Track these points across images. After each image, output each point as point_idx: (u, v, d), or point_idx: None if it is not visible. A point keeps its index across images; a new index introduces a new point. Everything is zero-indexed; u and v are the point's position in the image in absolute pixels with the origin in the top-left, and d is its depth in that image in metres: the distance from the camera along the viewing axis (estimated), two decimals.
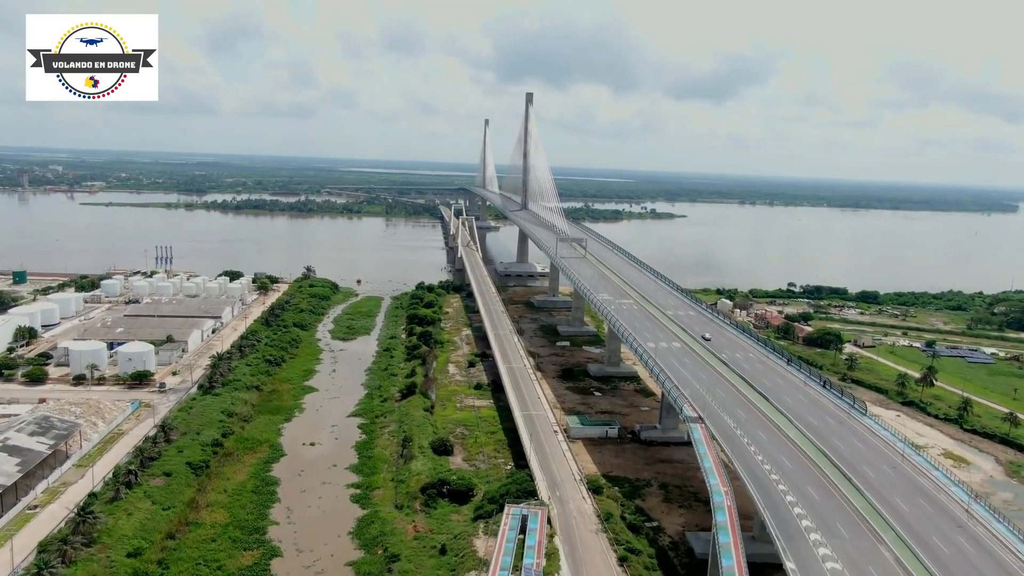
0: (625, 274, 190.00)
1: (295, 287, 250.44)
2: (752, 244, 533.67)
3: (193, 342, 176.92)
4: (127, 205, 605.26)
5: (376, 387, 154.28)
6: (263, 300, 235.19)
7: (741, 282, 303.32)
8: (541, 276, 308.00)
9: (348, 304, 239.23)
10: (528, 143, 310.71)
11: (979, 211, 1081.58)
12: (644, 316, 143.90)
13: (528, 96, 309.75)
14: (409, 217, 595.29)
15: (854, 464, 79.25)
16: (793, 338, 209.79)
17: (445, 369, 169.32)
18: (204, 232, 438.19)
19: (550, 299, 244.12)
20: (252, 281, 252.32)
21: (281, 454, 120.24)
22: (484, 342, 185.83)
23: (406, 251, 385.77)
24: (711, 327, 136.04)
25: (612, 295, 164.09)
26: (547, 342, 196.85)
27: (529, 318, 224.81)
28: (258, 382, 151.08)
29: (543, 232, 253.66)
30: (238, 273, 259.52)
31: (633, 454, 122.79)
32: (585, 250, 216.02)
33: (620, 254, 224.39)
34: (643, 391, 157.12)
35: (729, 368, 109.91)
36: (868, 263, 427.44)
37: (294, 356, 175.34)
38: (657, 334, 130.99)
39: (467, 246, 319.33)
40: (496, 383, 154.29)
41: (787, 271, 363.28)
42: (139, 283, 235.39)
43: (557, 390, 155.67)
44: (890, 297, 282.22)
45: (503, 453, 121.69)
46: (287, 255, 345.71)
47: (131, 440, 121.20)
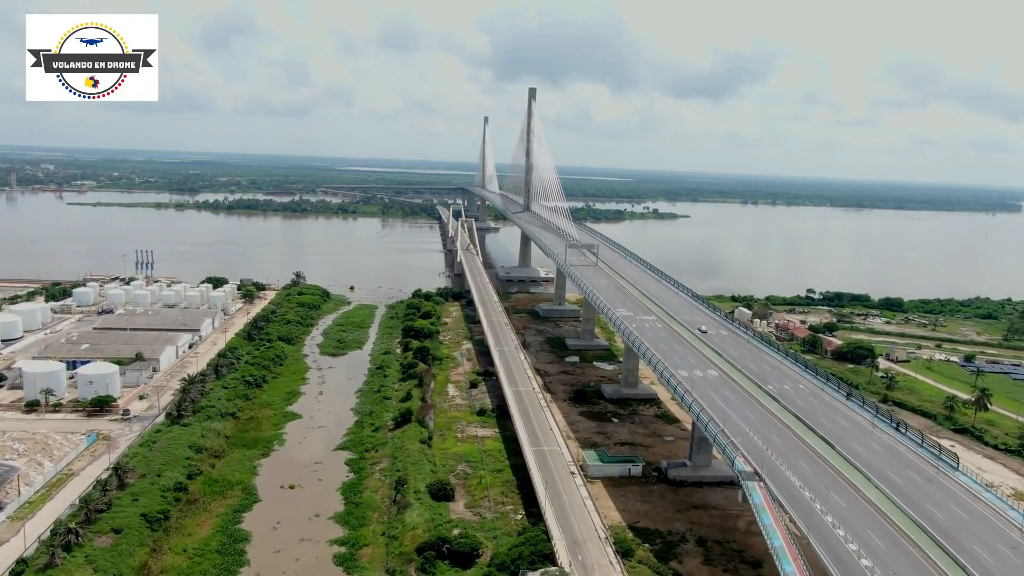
0: (643, 285, 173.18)
1: (283, 295, 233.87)
2: (760, 246, 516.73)
3: (166, 360, 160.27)
4: (115, 205, 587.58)
5: (367, 413, 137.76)
6: (248, 310, 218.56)
7: (753, 287, 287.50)
8: (545, 281, 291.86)
9: (340, 314, 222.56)
10: (531, 140, 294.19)
11: (983, 211, 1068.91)
12: (671, 336, 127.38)
13: (531, 91, 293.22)
14: (406, 218, 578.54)
15: (964, 544, 63.01)
16: (821, 352, 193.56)
17: (444, 390, 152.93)
18: (192, 234, 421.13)
19: (556, 308, 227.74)
20: (237, 288, 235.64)
21: (255, 499, 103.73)
22: (487, 357, 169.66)
23: (402, 254, 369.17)
24: (747, 349, 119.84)
25: (632, 310, 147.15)
26: (555, 357, 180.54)
27: (534, 329, 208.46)
28: (235, 408, 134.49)
29: (549, 236, 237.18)
30: (222, 280, 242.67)
31: (662, 498, 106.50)
32: (597, 257, 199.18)
33: (634, 261, 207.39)
34: (665, 416, 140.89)
35: (780, 404, 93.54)
36: (883, 267, 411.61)
37: (277, 376, 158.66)
38: (688, 359, 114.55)
39: (467, 250, 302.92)
40: (501, 408, 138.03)
41: (800, 275, 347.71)
42: (114, 291, 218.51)
43: (569, 416, 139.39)
44: (915, 304, 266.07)
45: (512, 497, 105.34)
46: (277, 259, 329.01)
47: (81, 483, 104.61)
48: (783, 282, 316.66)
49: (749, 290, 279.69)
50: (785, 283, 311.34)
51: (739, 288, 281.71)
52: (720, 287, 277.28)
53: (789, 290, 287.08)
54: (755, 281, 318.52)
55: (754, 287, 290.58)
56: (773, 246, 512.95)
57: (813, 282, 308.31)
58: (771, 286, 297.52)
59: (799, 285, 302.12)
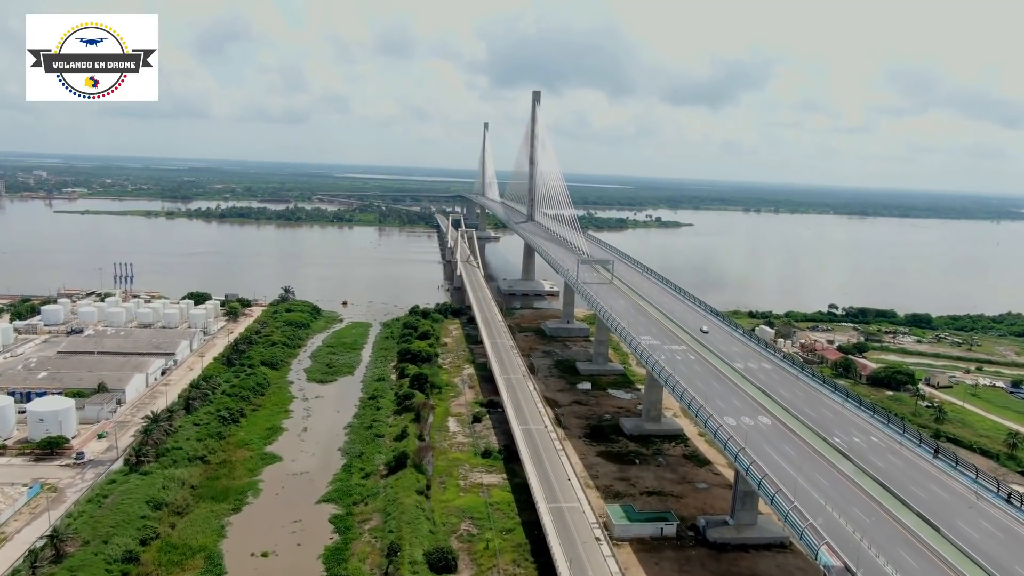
0: (666, 306, 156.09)
1: (270, 312, 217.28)
2: (768, 256, 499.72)
3: (134, 389, 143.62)
4: (104, 213, 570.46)
5: (357, 455, 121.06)
6: (231, 329, 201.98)
7: (768, 302, 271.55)
8: (549, 295, 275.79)
9: (330, 333, 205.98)
10: (535, 146, 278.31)
11: (987, 219, 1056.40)
12: (707, 371, 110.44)
13: (535, 95, 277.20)
14: (403, 226, 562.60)
15: None
16: (855, 376, 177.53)
17: (444, 424, 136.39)
18: (180, 243, 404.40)
19: (564, 326, 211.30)
20: (220, 305, 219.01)
21: (220, 572, 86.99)
22: (491, 383, 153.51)
23: (399, 265, 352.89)
24: (799, 388, 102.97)
25: (658, 337, 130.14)
26: (565, 384, 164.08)
27: (541, 350, 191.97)
28: (205, 450, 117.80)
29: (557, 249, 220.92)
30: (205, 295, 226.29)
31: (702, 567, 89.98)
32: (612, 274, 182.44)
33: (652, 278, 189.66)
34: (694, 457, 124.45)
35: (854, 465, 76.83)
36: (900, 278, 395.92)
37: (258, 408, 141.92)
38: (732, 401, 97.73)
39: (467, 262, 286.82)
40: (509, 448, 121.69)
41: (815, 288, 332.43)
42: (86, 309, 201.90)
43: (587, 456, 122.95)
44: (944, 321, 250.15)
45: (525, 567, 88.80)
46: (267, 271, 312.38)
47: (13, 551, 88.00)
48: (798, 296, 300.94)
49: (765, 305, 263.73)
50: (801, 297, 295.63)
51: (754, 303, 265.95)
52: (733, 301, 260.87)
53: (805, 304, 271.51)
54: (769, 295, 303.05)
55: (769, 301, 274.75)
56: (782, 256, 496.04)
57: (829, 296, 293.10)
58: (787, 300, 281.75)
59: (815, 299, 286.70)
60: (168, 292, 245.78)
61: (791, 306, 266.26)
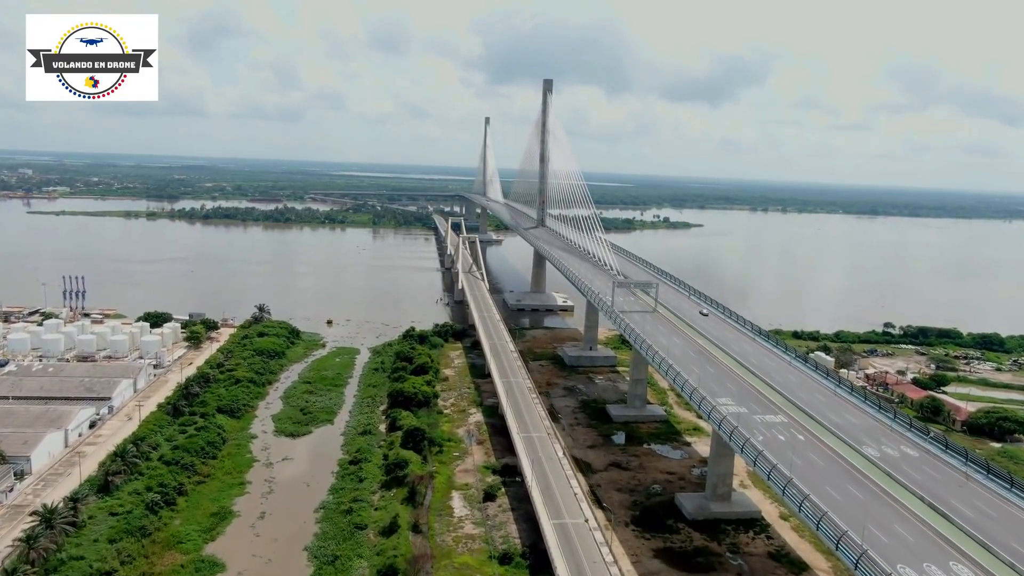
0: (734, 346, 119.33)
1: (239, 337, 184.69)
2: (791, 261, 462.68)
3: (44, 454, 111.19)
4: (82, 214, 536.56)
5: (329, 560, 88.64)
6: (191, 359, 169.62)
7: (809, 318, 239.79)
8: (563, 310, 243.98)
9: (310, 362, 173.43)
10: (546, 141, 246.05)
11: (997, 218, 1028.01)
12: (836, 469, 74.51)
13: (546, 83, 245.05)
14: (399, 227, 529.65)
15: None
16: (947, 421, 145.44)
17: (446, 504, 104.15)
18: (154, 247, 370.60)
19: (586, 353, 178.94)
20: (182, 328, 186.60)
21: None
22: (504, 436, 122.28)
23: (393, 272, 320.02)
24: (1003, 507, 69.08)
25: (739, 400, 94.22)
26: (597, 436, 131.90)
27: (562, 386, 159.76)
28: (118, 559, 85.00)
29: (580, 265, 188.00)
30: (164, 316, 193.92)
31: None
32: (656, 300, 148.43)
33: (705, 304, 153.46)
34: (784, 557, 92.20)
35: None
36: (945, 287, 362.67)
37: (205, 479, 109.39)
38: (900, 533, 63.16)
39: (469, 272, 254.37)
40: (536, 547, 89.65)
41: (856, 300, 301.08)
42: (17, 336, 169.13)
43: (642, 559, 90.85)
44: (1017, 342, 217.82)
45: None
46: (244, 281, 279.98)
47: None
48: (840, 310, 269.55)
49: (805, 321, 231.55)
50: (843, 311, 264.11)
51: (792, 318, 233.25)
52: (769, 317, 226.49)
53: (849, 319, 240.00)
54: (806, 308, 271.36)
55: (809, 317, 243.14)
56: (806, 261, 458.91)
57: (867, 307, 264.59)
58: (827, 315, 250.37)
59: (858, 313, 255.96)
60: (127, 309, 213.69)
61: (834, 322, 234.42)
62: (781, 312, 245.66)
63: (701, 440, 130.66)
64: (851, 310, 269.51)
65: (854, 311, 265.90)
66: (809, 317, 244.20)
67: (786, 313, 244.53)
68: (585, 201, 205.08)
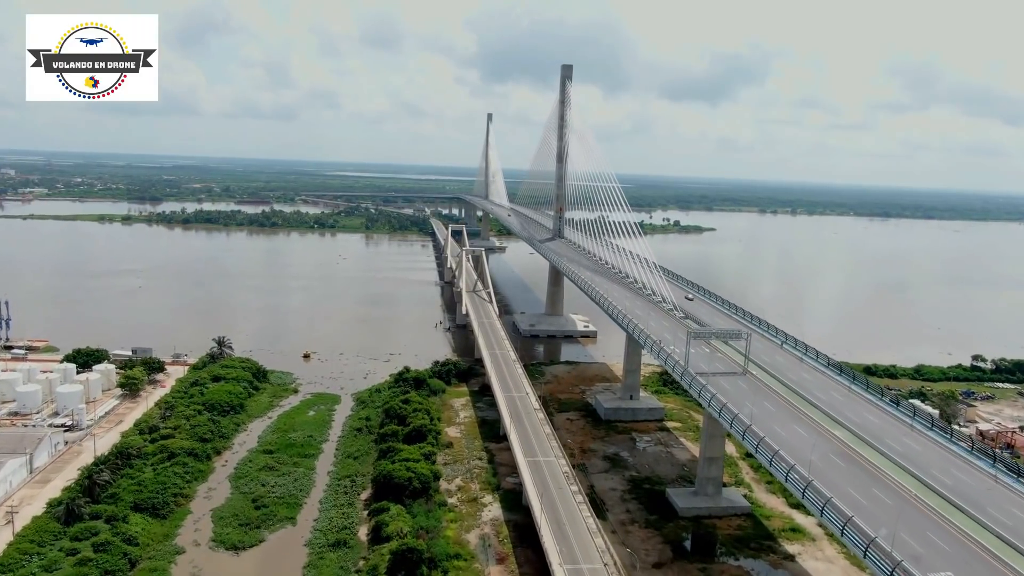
0: (889, 440, 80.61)
1: (189, 381, 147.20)
2: (828, 273, 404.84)
3: None
4: (52, 218, 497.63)
5: None
6: (123, 414, 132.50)
7: (877, 347, 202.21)
8: (584, 337, 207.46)
9: (275, 418, 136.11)
10: (564, 138, 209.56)
11: (1011, 220, 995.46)
12: None
13: (564, 69, 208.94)
14: (394, 232, 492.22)
15: None
16: None
17: None
18: (119, 258, 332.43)
19: (627, 404, 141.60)
20: (123, 367, 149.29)
21: None
22: (530, 543, 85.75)
23: (388, 285, 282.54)
24: None
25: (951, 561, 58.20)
26: (659, 539, 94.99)
27: (601, 455, 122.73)
28: None
29: (620, 292, 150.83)
30: (99, 353, 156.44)
31: None
32: (747, 356, 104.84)
33: (816, 362, 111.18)
34: None
35: None
36: (1015, 305, 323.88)
37: None
38: None
39: (474, 291, 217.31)
40: None
41: (914, 320, 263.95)
42: None
43: None
44: None
45: None
46: (208, 301, 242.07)
47: None
48: (904, 335, 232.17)
49: (873, 352, 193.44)
50: (906, 337, 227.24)
51: (853, 347, 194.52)
52: (825, 343, 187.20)
53: (915, 347, 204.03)
54: (862, 333, 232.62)
55: (870, 344, 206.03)
56: (845, 274, 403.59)
57: (925, 330, 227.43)
58: (891, 342, 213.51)
59: (922, 339, 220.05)
60: (61, 340, 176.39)
61: (902, 351, 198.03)
62: (839, 339, 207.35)
63: (807, 549, 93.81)
64: (914, 335, 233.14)
65: (918, 336, 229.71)
66: (870, 344, 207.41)
67: (845, 340, 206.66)
68: (613, 206, 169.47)
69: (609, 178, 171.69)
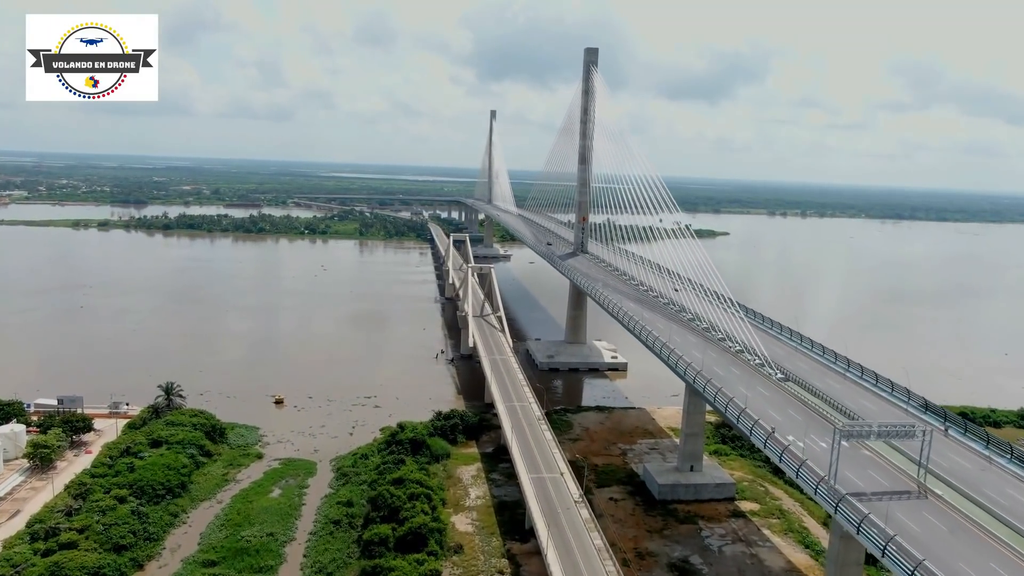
0: None
1: (119, 446, 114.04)
2: (868, 288, 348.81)
3: None
4: (23, 223, 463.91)
5: None
6: (25, 497, 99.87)
7: (959, 383, 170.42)
8: (611, 370, 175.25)
9: (226, 501, 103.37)
10: (589, 135, 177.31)
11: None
12: None
13: (588, 52, 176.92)
14: (390, 238, 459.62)
15: None
16: None
17: None
18: (80, 271, 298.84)
19: (685, 479, 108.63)
20: (41, 425, 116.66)
21: None
22: None
23: (381, 302, 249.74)
24: None
25: None
26: None
27: (666, 560, 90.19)
28: None
29: (671, 326, 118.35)
30: (13, 406, 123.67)
31: None
32: (926, 465, 65.14)
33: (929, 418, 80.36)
34: None
35: None
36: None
37: None
38: None
39: (482, 316, 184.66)
40: None
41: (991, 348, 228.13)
42: None
43: None
44: None
45: None
46: (165, 327, 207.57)
47: None
48: (969, 365, 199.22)
49: (945, 389, 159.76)
50: (976, 366, 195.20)
51: (928, 382, 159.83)
52: (908, 380, 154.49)
53: (988, 379, 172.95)
54: (937, 365, 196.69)
55: (941, 378, 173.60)
56: (887, 289, 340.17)
57: (986, 355, 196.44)
58: (963, 373, 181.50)
59: (997, 368, 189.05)
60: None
61: (978, 384, 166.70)
62: (919, 376, 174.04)
63: None
64: (981, 363, 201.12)
65: (987, 364, 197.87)
66: (939, 376, 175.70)
67: (922, 372, 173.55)
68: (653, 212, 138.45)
69: (651, 182, 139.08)
